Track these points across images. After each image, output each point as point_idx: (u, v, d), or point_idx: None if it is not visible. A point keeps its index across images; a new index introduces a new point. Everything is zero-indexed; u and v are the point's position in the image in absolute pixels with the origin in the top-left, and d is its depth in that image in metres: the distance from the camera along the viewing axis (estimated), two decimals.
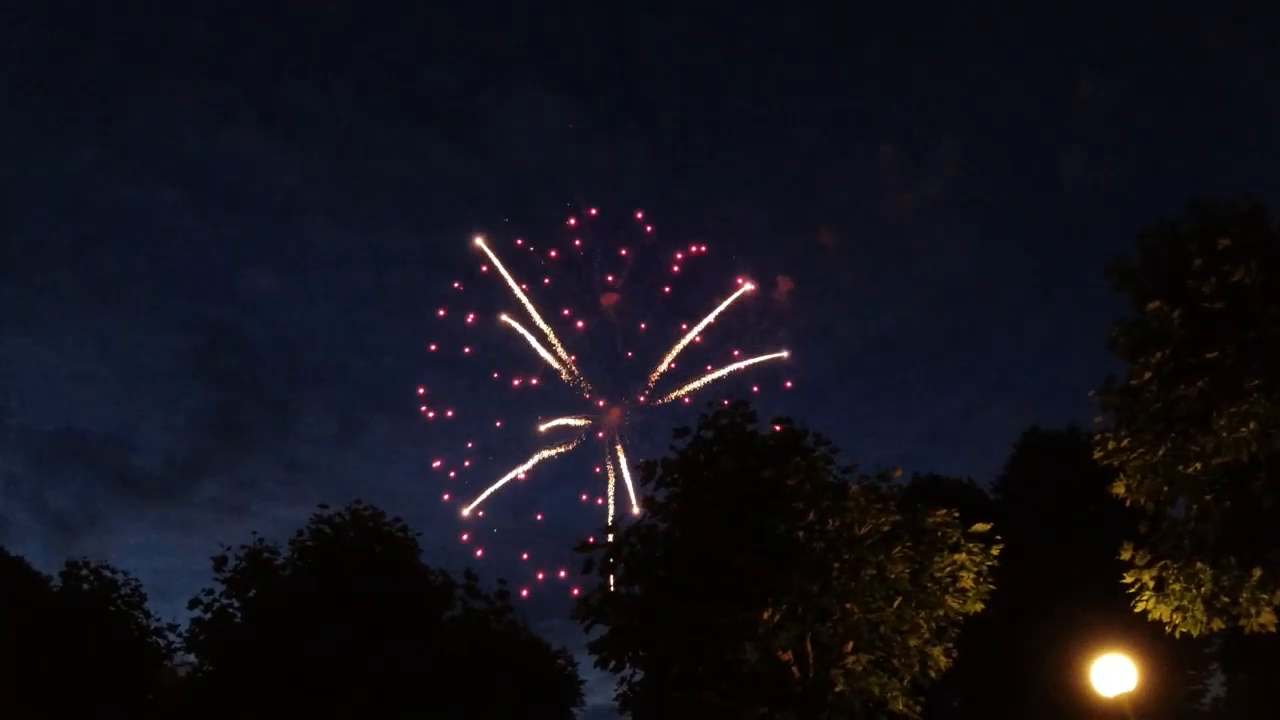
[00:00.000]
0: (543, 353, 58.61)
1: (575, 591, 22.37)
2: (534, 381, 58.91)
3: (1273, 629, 17.93)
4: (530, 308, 58.64)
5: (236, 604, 31.19)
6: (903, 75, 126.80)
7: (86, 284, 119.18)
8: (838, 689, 20.92)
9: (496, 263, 58.84)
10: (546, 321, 58.83)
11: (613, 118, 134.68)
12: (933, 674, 21.92)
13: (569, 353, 59.27)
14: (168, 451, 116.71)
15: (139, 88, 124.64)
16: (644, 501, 22.96)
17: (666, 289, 60.46)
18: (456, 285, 60.17)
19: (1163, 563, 18.43)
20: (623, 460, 59.16)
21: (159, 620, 34.35)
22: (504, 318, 58.82)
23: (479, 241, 59.59)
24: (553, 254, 59.77)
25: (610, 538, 22.46)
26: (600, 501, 59.11)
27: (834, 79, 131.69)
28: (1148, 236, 18.57)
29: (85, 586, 33.82)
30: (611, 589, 22.30)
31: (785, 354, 59.97)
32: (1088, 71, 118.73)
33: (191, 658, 32.64)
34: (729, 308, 59.38)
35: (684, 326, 59.35)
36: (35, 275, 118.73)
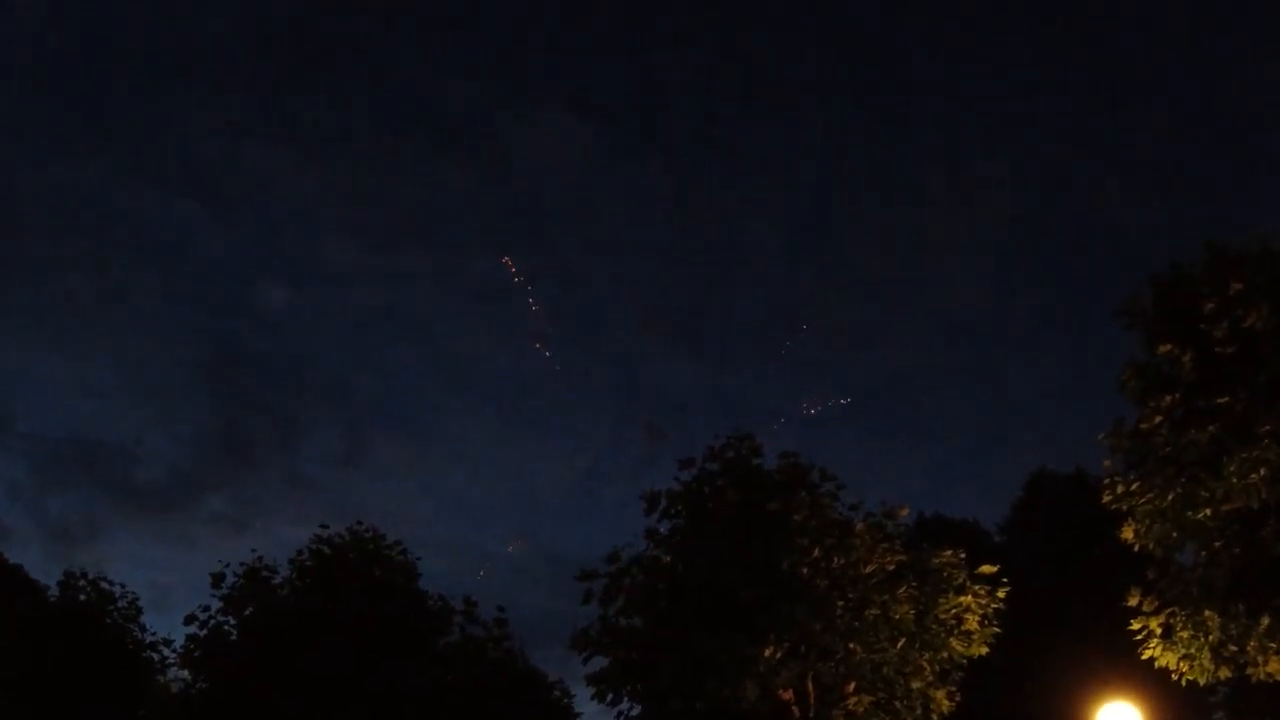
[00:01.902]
0: (569, 381, 57.84)
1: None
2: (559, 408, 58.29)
3: None
4: (554, 336, 58.10)
5: (232, 621, 31.01)
6: (920, 109, 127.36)
7: (98, 294, 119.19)
8: None
9: (525, 287, 58.23)
10: (579, 349, 58.10)
11: (631, 144, 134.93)
12: (935, 717, 21.58)
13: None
14: (172, 464, 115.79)
15: (156, 99, 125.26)
16: (646, 533, 22.79)
17: None
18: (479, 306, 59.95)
19: (1170, 609, 18.22)
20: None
21: (154, 634, 34.31)
22: (537, 346, 58.06)
23: (506, 262, 59.02)
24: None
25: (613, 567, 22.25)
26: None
27: (851, 112, 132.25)
28: (1160, 278, 18.52)
29: (82, 597, 33.72)
30: (611, 620, 22.06)
31: (846, 400, 58.65)
32: (1110, 110, 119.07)
33: (185, 674, 32.43)
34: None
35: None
36: (47, 284, 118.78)
